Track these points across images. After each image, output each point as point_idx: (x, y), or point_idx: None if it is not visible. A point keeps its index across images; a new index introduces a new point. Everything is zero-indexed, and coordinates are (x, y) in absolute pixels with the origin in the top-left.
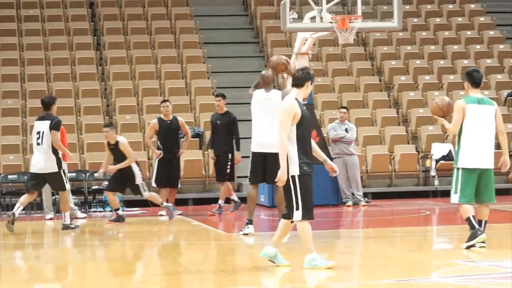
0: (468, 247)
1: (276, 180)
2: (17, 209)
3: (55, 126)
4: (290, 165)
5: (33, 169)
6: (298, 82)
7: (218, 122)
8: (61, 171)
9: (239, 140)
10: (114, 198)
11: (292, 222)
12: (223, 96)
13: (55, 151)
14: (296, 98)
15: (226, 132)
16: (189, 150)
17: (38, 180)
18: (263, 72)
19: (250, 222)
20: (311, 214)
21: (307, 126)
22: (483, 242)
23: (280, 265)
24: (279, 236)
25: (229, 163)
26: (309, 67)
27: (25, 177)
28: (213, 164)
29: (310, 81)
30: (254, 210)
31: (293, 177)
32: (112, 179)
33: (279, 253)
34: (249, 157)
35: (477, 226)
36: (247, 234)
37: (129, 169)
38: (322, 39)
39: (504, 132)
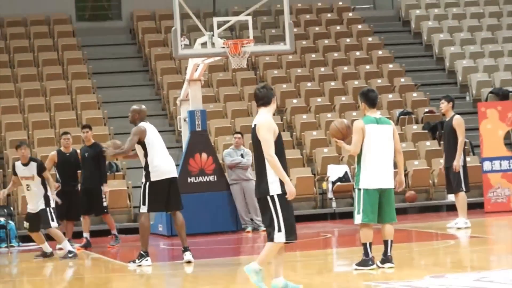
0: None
1: (287, 196)
2: None
3: None
4: (269, 184)
5: None
6: (266, 100)
7: (86, 154)
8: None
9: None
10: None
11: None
12: (90, 128)
13: None
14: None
15: (96, 164)
16: None
17: None
18: (135, 107)
19: (147, 254)
20: (294, 234)
21: (282, 144)
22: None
23: None
24: (277, 264)
25: (104, 195)
26: (266, 82)
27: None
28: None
29: (274, 97)
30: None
31: (272, 197)
32: None
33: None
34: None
35: (370, 255)
36: (140, 266)
37: None
38: (212, 65)
39: (401, 152)
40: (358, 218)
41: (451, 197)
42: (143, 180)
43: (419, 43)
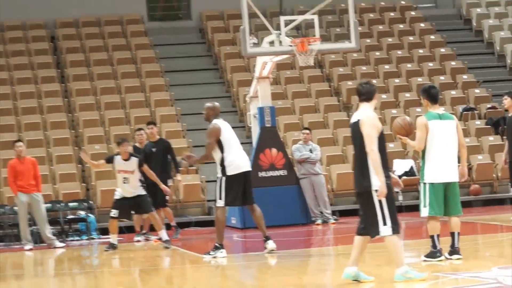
0: (425, 261)
1: (378, 195)
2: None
3: None
4: (371, 179)
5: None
6: (368, 96)
7: (153, 150)
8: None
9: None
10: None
11: (372, 237)
12: (155, 124)
13: None
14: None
15: (161, 159)
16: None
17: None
18: (209, 104)
19: (222, 246)
20: (398, 227)
21: (384, 140)
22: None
23: (366, 281)
24: (358, 254)
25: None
26: (369, 79)
27: (2, 210)
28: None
29: (376, 92)
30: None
31: (376, 191)
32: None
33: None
34: (214, 181)
35: (438, 247)
36: (215, 257)
37: None
38: (280, 63)
39: (464, 146)
40: (424, 211)
41: None
42: (219, 175)
43: (481, 40)
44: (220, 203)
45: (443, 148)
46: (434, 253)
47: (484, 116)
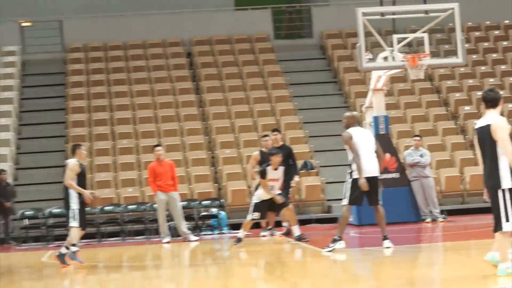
0: None
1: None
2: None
3: None
4: (501, 179)
5: None
6: (494, 102)
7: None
8: None
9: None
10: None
11: (495, 232)
12: (279, 131)
13: None
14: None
15: (286, 162)
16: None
17: None
18: (348, 114)
19: (340, 238)
20: None
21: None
22: None
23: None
24: (504, 249)
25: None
26: (494, 87)
27: (144, 207)
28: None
29: (501, 100)
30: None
31: (503, 190)
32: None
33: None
34: (341, 182)
35: None
36: (331, 251)
37: None
38: (393, 76)
39: None
40: None
41: None
42: (348, 177)
43: None
44: (345, 201)
45: None
46: None
47: None
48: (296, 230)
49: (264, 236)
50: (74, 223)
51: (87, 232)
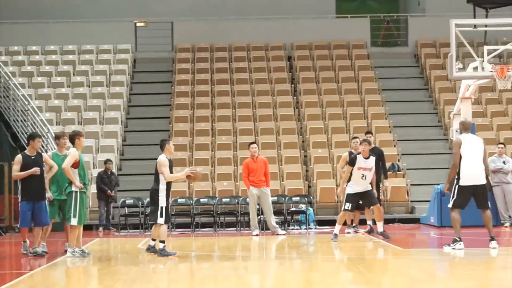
0: None
1: None
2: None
3: None
4: None
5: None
6: None
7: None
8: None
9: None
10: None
11: None
12: (371, 133)
13: None
14: None
15: (376, 164)
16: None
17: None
18: (462, 119)
19: (460, 239)
20: None
21: None
22: None
23: None
24: None
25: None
26: None
27: (236, 201)
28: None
29: None
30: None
31: None
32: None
33: None
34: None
35: None
36: (454, 249)
37: None
38: (481, 86)
39: None
40: None
41: None
42: (455, 180)
43: None
44: (450, 204)
45: None
46: None
47: None
48: (380, 226)
49: (348, 233)
50: (161, 219)
51: (182, 222)
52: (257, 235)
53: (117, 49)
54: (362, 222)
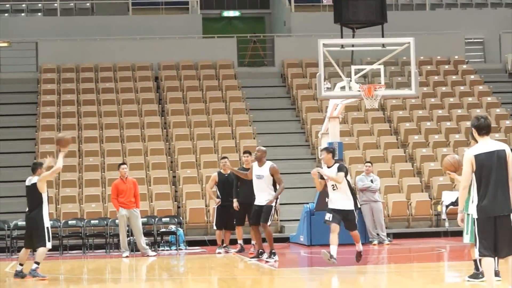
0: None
1: None
2: None
3: None
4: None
5: None
6: (488, 130)
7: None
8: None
9: None
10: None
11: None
12: (250, 153)
13: None
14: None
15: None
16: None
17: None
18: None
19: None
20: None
21: None
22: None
23: None
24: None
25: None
26: (486, 115)
27: (106, 222)
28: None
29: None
30: None
31: None
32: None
33: None
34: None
35: (481, 269)
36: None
37: None
38: (348, 105)
39: None
40: (466, 238)
41: None
42: None
43: None
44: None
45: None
46: (477, 275)
47: None
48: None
49: (219, 253)
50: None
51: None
52: (127, 256)
53: None
54: (233, 242)
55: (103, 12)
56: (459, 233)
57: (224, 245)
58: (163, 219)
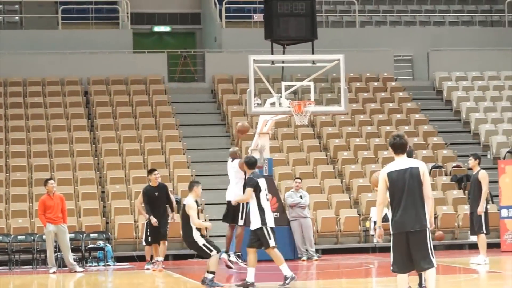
0: None
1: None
2: None
3: None
4: (427, 219)
5: None
6: (404, 148)
7: (156, 194)
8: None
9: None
10: None
11: (425, 270)
12: (156, 170)
13: None
14: None
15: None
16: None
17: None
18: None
19: None
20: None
21: None
22: None
23: None
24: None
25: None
26: (403, 134)
27: (33, 238)
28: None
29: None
30: None
31: (429, 229)
32: None
33: None
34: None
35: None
36: None
37: None
38: (278, 121)
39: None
40: None
41: (473, 238)
42: None
43: (450, 109)
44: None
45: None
46: None
47: (450, 173)
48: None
49: (147, 269)
50: None
51: None
52: (54, 272)
53: None
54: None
55: (32, 26)
56: (387, 249)
57: (153, 260)
58: (91, 235)
